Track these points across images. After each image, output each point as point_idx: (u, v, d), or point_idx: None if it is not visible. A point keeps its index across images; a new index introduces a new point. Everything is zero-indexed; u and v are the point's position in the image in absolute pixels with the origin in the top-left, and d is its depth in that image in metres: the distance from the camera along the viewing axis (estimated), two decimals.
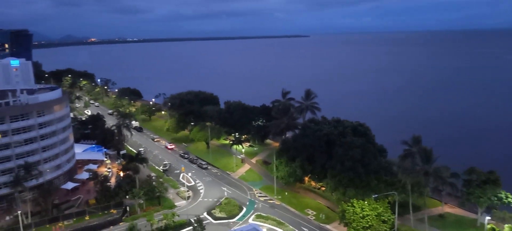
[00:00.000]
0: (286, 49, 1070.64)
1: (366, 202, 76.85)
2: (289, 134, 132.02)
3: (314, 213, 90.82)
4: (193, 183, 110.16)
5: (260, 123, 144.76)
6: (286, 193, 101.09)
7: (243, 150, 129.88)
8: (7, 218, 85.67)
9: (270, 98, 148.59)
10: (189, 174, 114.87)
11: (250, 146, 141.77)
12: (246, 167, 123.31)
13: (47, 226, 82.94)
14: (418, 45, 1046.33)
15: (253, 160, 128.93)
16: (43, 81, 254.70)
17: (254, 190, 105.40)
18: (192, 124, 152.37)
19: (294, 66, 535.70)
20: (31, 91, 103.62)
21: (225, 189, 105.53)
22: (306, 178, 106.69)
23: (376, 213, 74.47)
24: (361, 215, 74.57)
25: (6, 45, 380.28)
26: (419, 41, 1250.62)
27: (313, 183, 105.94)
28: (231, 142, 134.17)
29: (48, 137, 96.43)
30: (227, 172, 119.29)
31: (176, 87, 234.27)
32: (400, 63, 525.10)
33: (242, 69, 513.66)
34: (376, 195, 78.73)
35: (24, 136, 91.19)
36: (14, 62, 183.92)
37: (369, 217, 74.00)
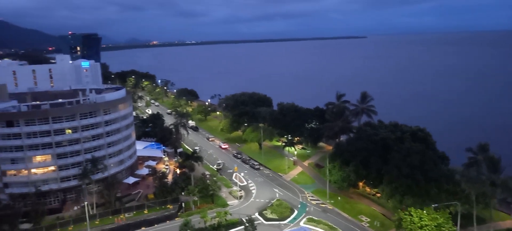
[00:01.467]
0: (341, 50, 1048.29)
1: (425, 212, 72.91)
2: (343, 137, 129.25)
3: (368, 220, 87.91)
4: (245, 183, 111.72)
5: (313, 125, 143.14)
6: (339, 198, 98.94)
7: (295, 152, 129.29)
8: (75, 208, 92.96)
9: (324, 100, 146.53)
10: (242, 174, 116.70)
11: (302, 148, 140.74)
12: (298, 169, 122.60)
13: (110, 217, 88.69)
14: (485, 45, 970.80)
15: (305, 163, 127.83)
16: (109, 82, 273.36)
17: (306, 193, 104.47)
18: (246, 124, 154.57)
19: (350, 68, 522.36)
20: (99, 91, 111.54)
21: (276, 190, 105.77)
22: (361, 183, 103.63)
23: (435, 224, 70.36)
24: (419, 224, 70.88)
25: (78, 48, 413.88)
26: (487, 42, 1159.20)
27: (367, 189, 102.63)
28: (283, 144, 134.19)
29: (113, 133, 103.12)
30: (279, 173, 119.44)
31: (231, 88, 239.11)
32: (465, 65, 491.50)
33: (296, 71, 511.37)
34: (436, 205, 74.38)
35: (92, 132, 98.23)
36: (85, 63, 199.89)
37: (428, 227, 70.13)
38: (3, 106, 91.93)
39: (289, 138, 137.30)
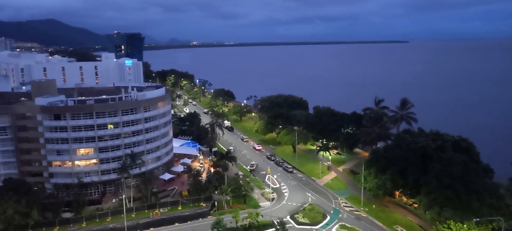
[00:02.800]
0: (382, 55, 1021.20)
1: (465, 226, 69.57)
2: (380, 144, 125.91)
3: (404, 230, 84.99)
4: (278, 185, 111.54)
5: (349, 131, 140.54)
6: (374, 206, 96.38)
7: (330, 157, 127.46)
8: (114, 200, 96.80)
9: (361, 105, 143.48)
10: (275, 176, 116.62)
11: (337, 153, 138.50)
12: (332, 174, 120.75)
13: (146, 211, 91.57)
14: None
15: (340, 168, 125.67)
16: (150, 80, 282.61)
17: (339, 199, 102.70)
18: (280, 127, 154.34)
19: (390, 73, 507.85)
20: (140, 89, 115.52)
21: (309, 194, 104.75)
22: (397, 192, 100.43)
23: None
24: None
25: (123, 47, 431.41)
26: None
27: (404, 198, 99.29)
28: (318, 148, 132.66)
29: (151, 130, 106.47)
30: (313, 178, 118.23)
31: (267, 90, 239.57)
32: None
33: (334, 74, 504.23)
34: (478, 219, 70.69)
35: (132, 128, 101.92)
36: (128, 62, 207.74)
37: None
38: (52, 101, 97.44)
39: (324, 142, 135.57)
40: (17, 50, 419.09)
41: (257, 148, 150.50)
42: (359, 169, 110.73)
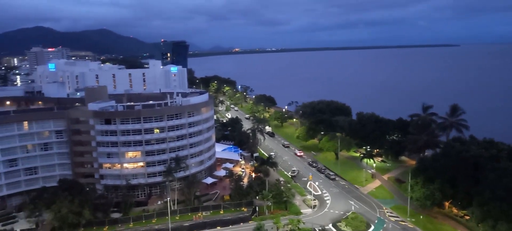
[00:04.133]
0: (430, 59, 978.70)
1: None
2: (428, 152, 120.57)
3: None
4: (319, 193, 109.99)
5: (394, 138, 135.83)
6: (421, 217, 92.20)
7: (374, 165, 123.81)
8: (159, 202, 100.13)
9: (408, 112, 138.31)
10: (316, 183, 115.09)
11: (382, 161, 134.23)
12: (377, 183, 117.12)
13: (189, 214, 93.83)
14: None
15: (385, 177, 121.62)
16: (194, 86, 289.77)
17: (384, 208, 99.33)
18: (322, 133, 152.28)
19: (439, 78, 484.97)
20: (184, 94, 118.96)
21: (352, 203, 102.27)
22: (447, 203, 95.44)
23: None
24: None
25: (168, 54, 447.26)
26: None
27: (454, 210, 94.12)
28: (361, 155, 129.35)
29: (195, 135, 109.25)
30: (356, 185, 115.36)
31: (308, 96, 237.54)
32: None
33: (378, 79, 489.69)
34: None
35: (177, 133, 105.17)
36: (173, 68, 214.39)
37: None
38: (103, 106, 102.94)
39: (368, 149, 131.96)
40: (73, 58, 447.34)
41: (298, 154, 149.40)
42: (405, 178, 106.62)
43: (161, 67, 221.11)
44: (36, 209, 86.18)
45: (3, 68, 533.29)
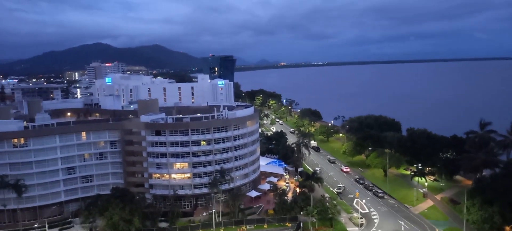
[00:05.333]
0: (488, 73, 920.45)
1: None
2: (486, 172, 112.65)
3: None
4: (367, 211, 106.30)
5: (448, 155, 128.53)
6: None
7: (426, 184, 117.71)
8: (204, 213, 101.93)
9: (463, 128, 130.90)
10: (364, 201, 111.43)
11: (434, 180, 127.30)
12: (429, 202, 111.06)
13: (233, 227, 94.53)
14: None
15: (438, 197, 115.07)
16: (240, 99, 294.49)
17: (437, 230, 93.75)
18: (370, 149, 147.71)
19: (498, 93, 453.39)
20: (230, 108, 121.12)
21: (402, 223, 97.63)
22: (507, 228, 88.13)
23: None
24: None
25: (216, 68, 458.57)
26: None
27: None
28: (412, 173, 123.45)
29: (240, 148, 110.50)
30: (406, 205, 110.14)
31: (355, 110, 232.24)
32: None
33: (430, 94, 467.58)
34: None
35: (222, 145, 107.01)
36: (221, 82, 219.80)
37: None
38: (154, 118, 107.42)
39: (420, 167, 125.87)
40: (128, 73, 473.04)
41: (344, 170, 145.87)
42: (460, 199, 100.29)
43: (209, 81, 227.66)
44: (90, 215, 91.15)
45: (65, 82, 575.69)
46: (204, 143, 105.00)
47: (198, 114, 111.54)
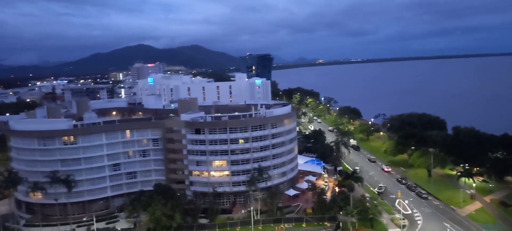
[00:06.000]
0: None
1: None
2: None
3: None
4: (409, 212, 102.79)
5: (498, 155, 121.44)
6: None
7: (473, 185, 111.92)
8: (243, 211, 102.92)
9: None
10: (406, 201, 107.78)
11: (483, 181, 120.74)
12: (477, 205, 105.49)
13: (272, 225, 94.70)
14: None
15: (487, 198, 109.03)
16: (277, 98, 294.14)
17: None
18: (413, 148, 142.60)
19: None
20: (268, 106, 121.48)
21: (447, 225, 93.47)
22: None
23: None
24: None
25: (253, 67, 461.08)
26: None
27: None
28: (458, 174, 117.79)
29: (277, 146, 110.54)
30: (452, 206, 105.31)
31: (397, 108, 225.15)
32: None
33: (478, 91, 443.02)
34: None
35: (260, 144, 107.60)
36: (258, 81, 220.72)
37: None
38: (194, 116, 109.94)
39: (466, 167, 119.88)
40: (168, 73, 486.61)
41: (385, 169, 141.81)
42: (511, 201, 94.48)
43: (247, 80, 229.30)
44: (134, 210, 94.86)
45: (110, 82, 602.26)
46: (242, 141, 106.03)
47: (236, 113, 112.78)
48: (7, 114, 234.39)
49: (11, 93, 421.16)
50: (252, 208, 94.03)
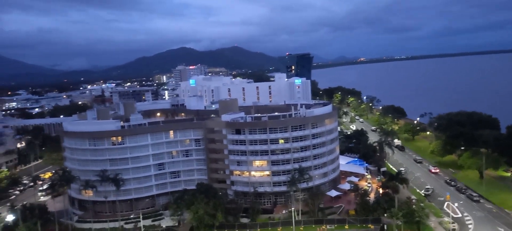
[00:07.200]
0: None
1: None
2: None
3: None
4: (459, 215, 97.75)
5: None
6: None
7: None
8: (284, 211, 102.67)
9: None
10: (456, 204, 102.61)
11: None
12: None
13: (313, 226, 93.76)
14: None
15: None
16: (317, 97, 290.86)
17: None
18: (462, 148, 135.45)
19: None
20: (308, 106, 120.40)
21: (502, 230, 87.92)
22: None
23: None
24: None
25: (293, 67, 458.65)
26: None
27: None
28: None
29: (318, 146, 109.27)
30: (506, 210, 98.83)
31: (444, 106, 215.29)
32: None
33: None
34: None
35: (300, 144, 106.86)
36: (298, 81, 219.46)
37: None
38: (234, 117, 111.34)
39: None
40: (209, 74, 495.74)
41: (433, 170, 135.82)
42: None
43: (286, 79, 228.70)
44: (178, 208, 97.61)
45: (154, 84, 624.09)
46: (282, 141, 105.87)
47: (276, 113, 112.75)
48: (61, 116, 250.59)
49: (64, 96, 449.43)
50: (293, 208, 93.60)
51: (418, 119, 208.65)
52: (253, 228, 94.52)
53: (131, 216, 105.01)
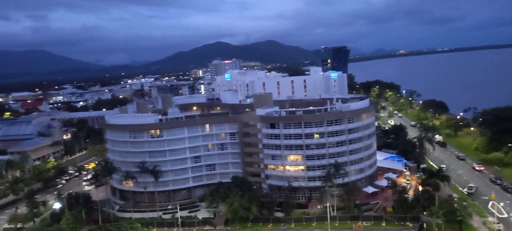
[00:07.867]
0: None
1: None
2: None
3: None
4: (505, 215, 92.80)
5: None
6: None
7: None
8: (318, 206, 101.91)
9: None
10: (501, 204, 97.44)
11: None
12: None
13: (349, 222, 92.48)
14: None
15: None
16: (354, 91, 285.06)
17: None
18: (509, 145, 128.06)
19: None
20: (344, 100, 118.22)
21: None
22: None
23: None
24: None
25: (329, 60, 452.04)
26: None
27: None
28: None
29: (355, 141, 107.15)
30: None
31: (490, 101, 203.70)
32: None
33: None
34: None
35: (336, 139, 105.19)
36: (333, 74, 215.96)
37: None
38: (268, 111, 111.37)
39: None
40: (244, 68, 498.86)
41: (477, 168, 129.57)
42: None
43: (321, 73, 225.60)
44: (214, 200, 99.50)
45: (191, 79, 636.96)
46: (317, 135, 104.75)
47: (311, 107, 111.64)
48: (104, 109, 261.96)
49: (106, 90, 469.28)
50: (328, 204, 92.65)
51: (461, 114, 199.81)
52: (288, 222, 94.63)
53: (169, 207, 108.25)
